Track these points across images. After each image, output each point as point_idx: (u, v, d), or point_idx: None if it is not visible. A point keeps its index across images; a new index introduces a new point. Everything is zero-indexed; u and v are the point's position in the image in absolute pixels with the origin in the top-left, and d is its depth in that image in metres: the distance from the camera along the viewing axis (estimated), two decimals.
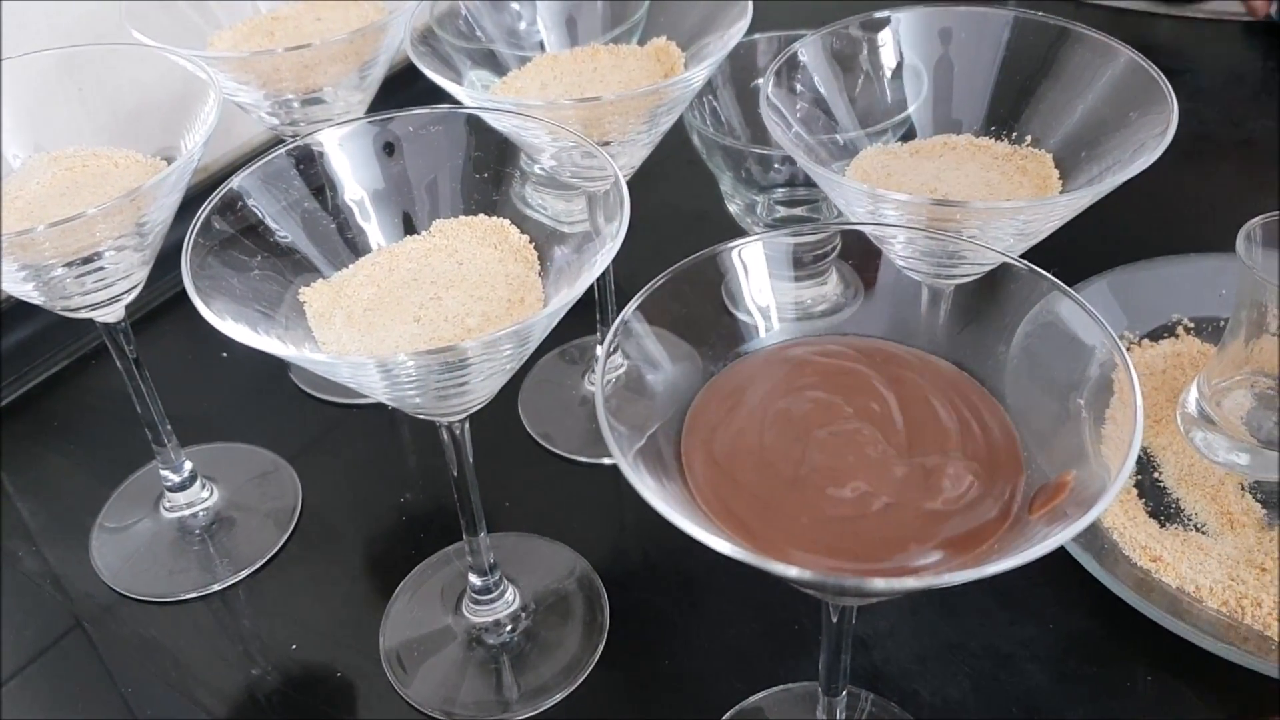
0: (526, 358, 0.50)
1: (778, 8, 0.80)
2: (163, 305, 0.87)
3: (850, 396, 0.43)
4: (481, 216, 0.54)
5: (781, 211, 0.76)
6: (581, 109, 0.58)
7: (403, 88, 0.76)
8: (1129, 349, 0.72)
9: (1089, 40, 0.56)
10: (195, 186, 0.57)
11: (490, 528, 0.59)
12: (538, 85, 0.65)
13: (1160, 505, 0.63)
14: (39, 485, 0.74)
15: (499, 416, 0.74)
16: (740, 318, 0.47)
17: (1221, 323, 0.73)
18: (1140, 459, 0.65)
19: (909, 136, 0.60)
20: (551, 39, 0.69)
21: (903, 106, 0.60)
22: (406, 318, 0.49)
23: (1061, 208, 0.50)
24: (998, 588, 0.61)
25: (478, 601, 0.62)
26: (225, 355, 0.82)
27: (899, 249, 0.50)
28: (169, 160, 0.60)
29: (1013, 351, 0.44)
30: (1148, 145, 0.50)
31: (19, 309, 0.81)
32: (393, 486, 0.72)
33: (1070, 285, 0.42)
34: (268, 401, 0.79)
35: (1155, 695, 0.56)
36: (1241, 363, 0.63)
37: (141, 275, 0.59)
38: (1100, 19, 1.09)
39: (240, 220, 0.49)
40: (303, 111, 0.69)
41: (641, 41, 0.68)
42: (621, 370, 0.43)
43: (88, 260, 0.55)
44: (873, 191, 0.50)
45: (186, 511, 0.70)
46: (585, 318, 0.74)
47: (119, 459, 0.75)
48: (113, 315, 0.60)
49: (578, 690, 0.59)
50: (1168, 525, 0.62)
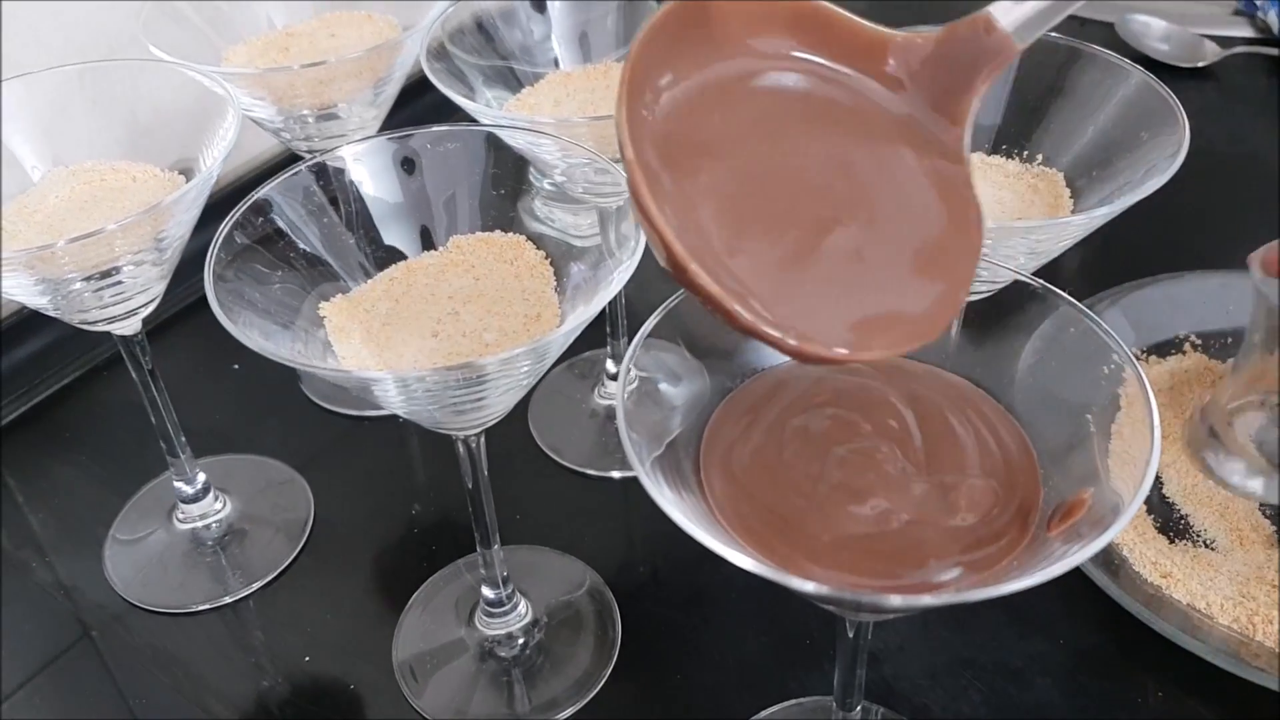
0: (543, 373, 0.50)
1: None
2: (174, 317, 0.87)
3: (868, 413, 0.44)
4: (498, 233, 0.54)
5: None
6: (595, 126, 0.58)
7: (414, 102, 0.77)
8: None
9: (1100, 60, 0.56)
10: (209, 199, 0.58)
11: (501, 541, 0.60)
12: (551, 102, 0.66)
13: (1169, 521, 0.64)
14: (50, 496, 0.75)
15: (509, 430, 0.75)
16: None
17: (1228, 339, 0.74)
18: None
19: None
20: (565, 56, 0.70)
21: None
22: (424, 332, 0.50)
23: (1075, 227, 0.51)
24: (1009, 603, 0.61)
25: (490, 614, 0.62)
26: (237, 367, 0.83)
27: None
28: (186, 173, 0.61)
29: (1024, 369, 0.45)
30: (1159, 166, 0.50)
31: (31, 320, 0.81)
32: (404, 498, 0.72)
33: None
34: (279, 413, 0.80)
35: (1165, 711, 0.57)
36: (1253, 383, 0.63)
37: (159, 289, 0.59)
38: (1101, 36, 1.09)
39: (262, 233, 0.50)
40: (317, 127, 0.69)
41: None
42: (636, 384, 0.43)
43: (106, 274, 0.56)
44: None
45: (199, 523, 0.70)
46: (595, 332, 0.75)
47: (131, 470, 0.75)
48: (129, 328, 0.61)
49: (589, 704, 0.59)
50: (1177, 541, 0.63)
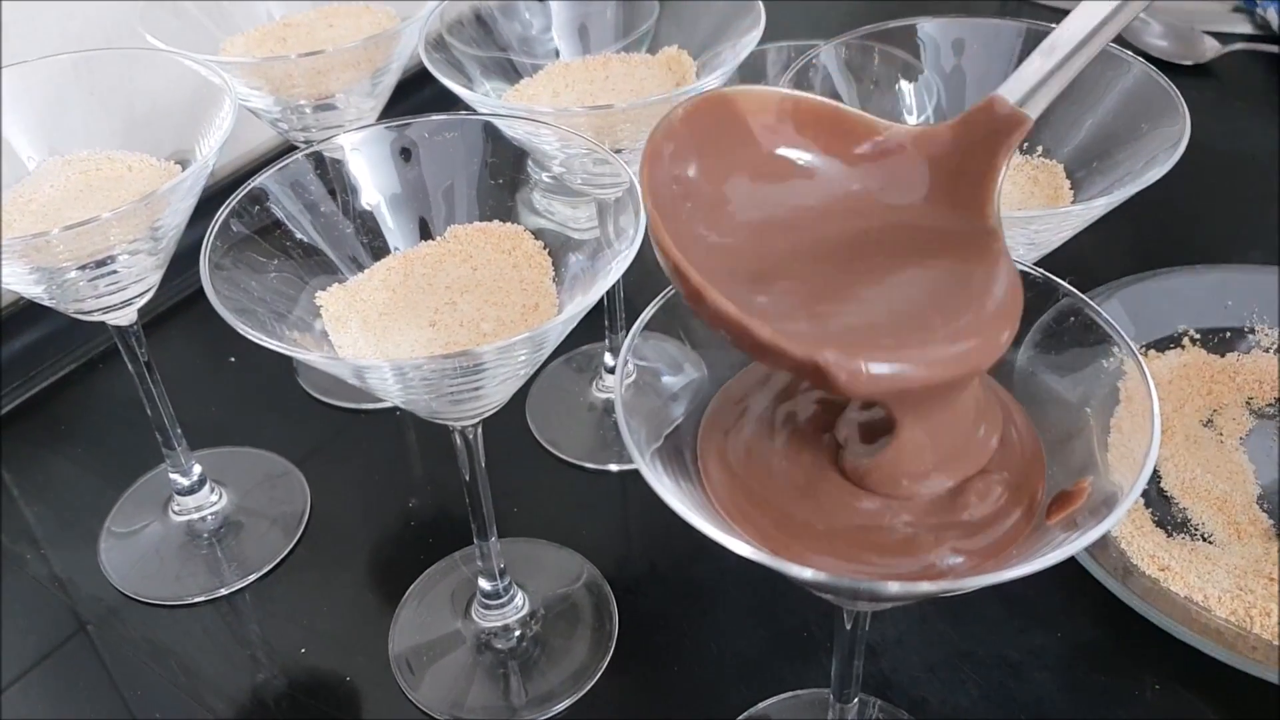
0: (540, 363, 0.50)
1: (786, 15, 0.80)
2: (170, 309, 0.87)
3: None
4: (496, 223, 0.54)
5: None
6: (594, 117, 0.58)
7: (412, 94, 0.77)
8: None
9: (1102, 53, 0.56)
10: (205, 191, 0.57)
11: (498, 533, 0.60)
12: (549, 93, 0.66)
13: (1167, 515, 0.64)
14: (46, 488, 0.74)
15: (507, 423, 0.74)
16: None
17: (1227, 334, 0.74)
18: None
19: None
20: (563, 47, 0.69)
21: (915, 116, 0.60)
22: (422, 322, 0.50)
23: (1075, 217, 0.51)
24: (1007, 596, 0.61)
25: (487, 606, 0.62)
26: (233, 359, 0.82)
27: None
28: (182, 164, 0.61)
29: (1024, 358, 0.44)
30: (1160, 157, 0.50)
31: (25, 312, 0.81)
32: (400, 491, 0.72)
33: None
34: (275, 406, 0.79)
35: (1163, 704, 0.57)
36: None
37: (155, 279, 0.59)
38: None
39: (258, 222, 0.49)
40: (314, 117, 0.69)
41: (652, 50, 0.69)
42: (635, 375, 0.43)
43: (101, 264, 0.55)
44: None
45: (195, 515, 0.70)
46: (592, 325, 0.75)
47: (126, 463, 0.75)
48: (125, 318, 0.61)
49: (586, 696, 0.59)
50: (1174, 535, 0.62)
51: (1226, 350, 0.73)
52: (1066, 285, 0.42)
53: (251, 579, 0.67)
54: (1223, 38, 1.08)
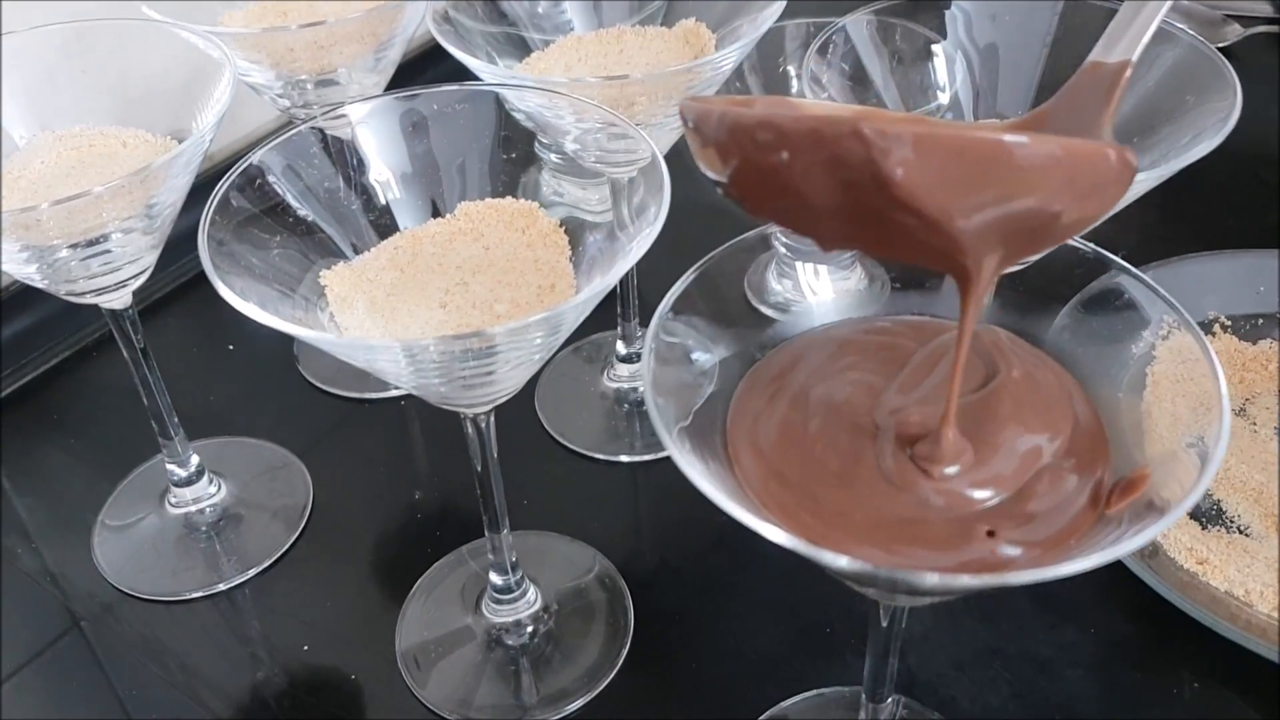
0: (556, 348, 0.48)
1: None
2: (167, 294, 0.84)
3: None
4: (509, 199, 0.52)
5: None
6: (609, 88, 0.56)
7: (418, 71, 0.74)
8: None
9: None
10: (203, 174, 0.55)
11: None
12: (562, 67, 0.63)
13: (1201, 506, 0.62)
14: (38, 480, 0.72)
15: (516, 414, 0.72)
16: (765, 311, 0.46)
17: (1259, 320, 0.72)
18: None
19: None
20: (577, 21, 0.67)
21: (945, 90, 0.58)
22: (432, 303, 0.47)
23: None
24: (1037, 590, 0.59)
25: (499, 601, 0.60)
26: (232, 347, 0.80)
27: None
28: (180, 140, 0.58)
29: (1074, 336, 0.42)
30: (1207, 131, 0.48)
31: (18, 298, 0.78)
32: (405, 483, 0.70)
33: None
34: (276, 395, 0.77)
35: (1203, 702, 0.54)
36: None
37: (150, 260, 0.57)
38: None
39: (260, 197, 0.47)
40: (316, 93, 0.67)
41: (668, 24, 0.66)
42: (663, 350, 0.41)
43: (94, 242, 0.53)
44: None
45: (193, 507, 0.68)
46: (602, 314, 0.72)
47: (122, 453, 0.73)
48: (120, 301, 0.58)
49: (600, 695, 0.57)
50: (1209, 527, 0.60)
51: (1259, 338, 0.71)
52: (1120, 260, 0.40)
53: (251, 574, 0.64)
54: (1245, 20, 1.06)
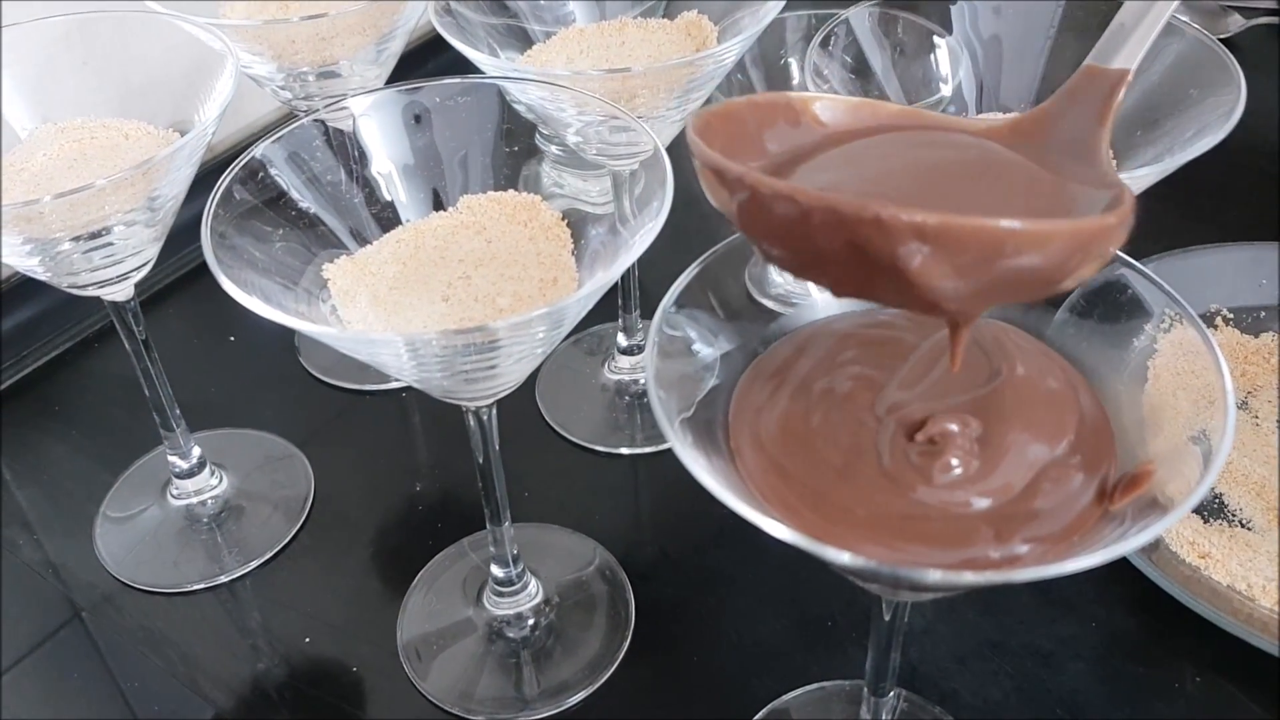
0: (559, 341, 0.48)
1: None
2: (168, 286, 0.84)
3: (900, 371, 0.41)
4: (511, 193, 0.52)
5: None
6: (611, 81, 0.56)
7: (419, 63, 0.74)
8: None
9: None
10: (204, 166, 0.55)
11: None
12: (564, 59, 0.63)
13: (1202, 500, 0.61)
14: (39, 471, 0.72)
15: (517, 406, 0.72)
16: (767, 304, 0.45)
17: (1260, 313, 0.72)
18: None
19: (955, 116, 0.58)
20: (578, 13, 0.67)
21: (947, 83, 0.57)
22: (434, 297, 0.47)
23: None
24: (1039, 585, 0.59)
25: (500, 594, 0.60)
26: (233, 338, 0.80)
27: None
28: (181, 133, 0.58)
29: (1071, 332, 0.42)
30: (1211, 125, 0.48)
31: (19, 289, 0.78)
32: (406, 475, 0.70)
33: None
34: (276, 386, 0.77)
35: (1205, 696, 0.55)
36: None
37: (152, 252, 0.57)
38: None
39: (263, 190, 0.47)
40: (318, 85, 0.66)
41: (670, 16, 0.66)
42: (665, 343, 0.41)
43: (96, 235, 0.53)
44: None
45: (195, 499, 0.68)
46: (603, 306, 0.72)
47: (123, 445, 0.72)
48: (121, 294, 0.58)
49: (601, 687, 0.57)
50: (1211, 521, 0.60)
51: (1261, 330, 0.71)
52: (1125, 257, 0.40)
53: (253, 565, 0.64)
54: (1246, 11, 1.06)
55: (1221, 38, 1.02)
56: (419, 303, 0.47)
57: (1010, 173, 0.37)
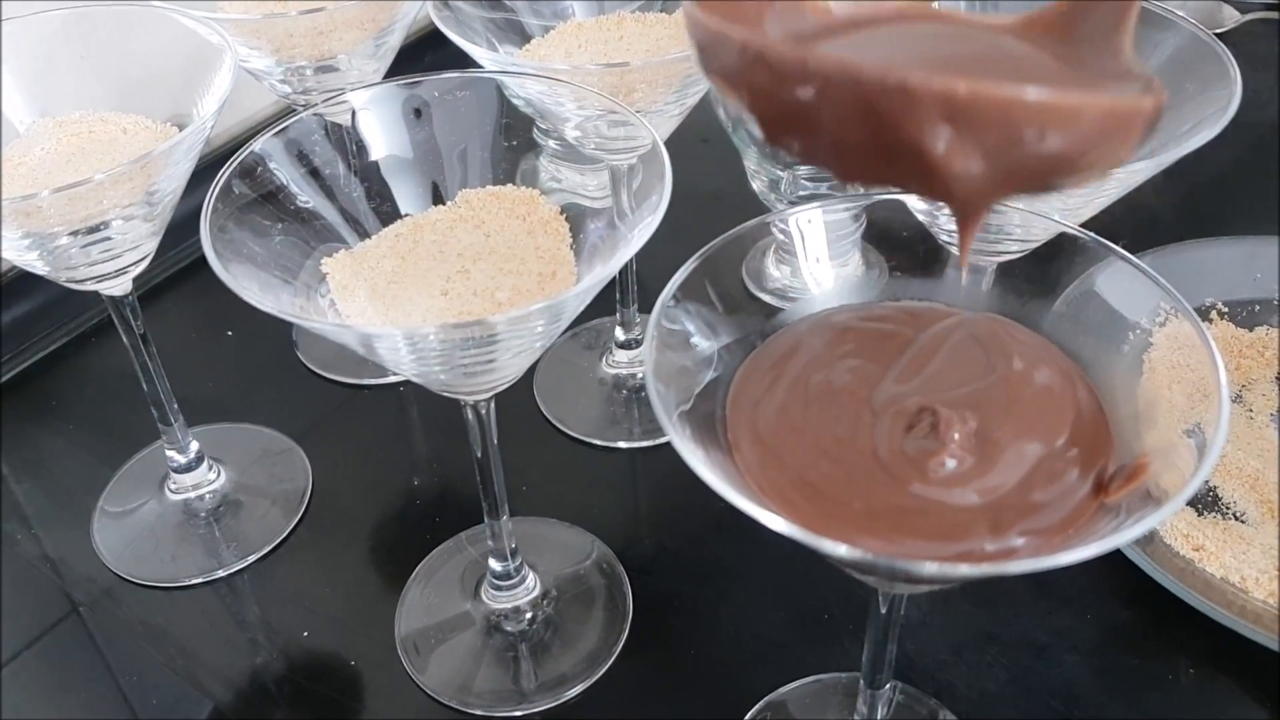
0: (557, 335, 0.48)
1: None
2: (166, 281, 0.84)
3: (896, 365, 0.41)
4: (510, 187, 0.52)
5: (807, 188, 0.74)
6: (609, 75, 0.56)
7: (417, 57, 0.74)
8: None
9: (1144, 14, 0.53)
10: (202, 160, 0.55)
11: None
12: (562, 53, 0.63)
13: (1197, 494, 0.62)
14: (37, 466, 0.72)
15: (514, 400, 0.72)
16: (764, 298, 0.46)
17: (1256, 307, 0.72)
18: None
19: None
20: (577, 6, 0.67)
21: None
22: (433, 291, 0.47)
23: (1114, 182, 0.48)
24: (1034, 577, 0.60)
25: (498, 587, 0.60)
26: (230, 333, 0.80)
27: (943, 223, 0.48)
28: (180, 127, 0.58)
29: (1067, 325, 0.43)
30: (1207, 120, 0.48)
31: (16, 284, 0.78)
32: (404, 469, 0.70)
33: None
34: (274, 381, 0.77)
35: (1198, 688, 0.55)
36: None
37: (151, 247, 0.57)
38: None
39: (262, 184, 0.47)
40: (316, 80, 0.66)
41: (668, 10, 0.66)
42: (664, 336, 0.41)
43: (94, 229, 0.53)
44: None
45: (193, 493, 0.68)
46: (601, 300, 0.72)
47: (120, 440, 0.72)
48: (120, 288, 0.58)
49: (599, 680, 0.57)
50: (1205, 514, 0.61)
51: (1255, 324, 0.71)
52: (1119, 249, 0.40)
53: (251, 559, 0.64)
54: (1242, 6, 1.06)
55: (1218, 32, 1.03)
56: (418, 296, 0.47)
57: (1027, 61, 0.35)
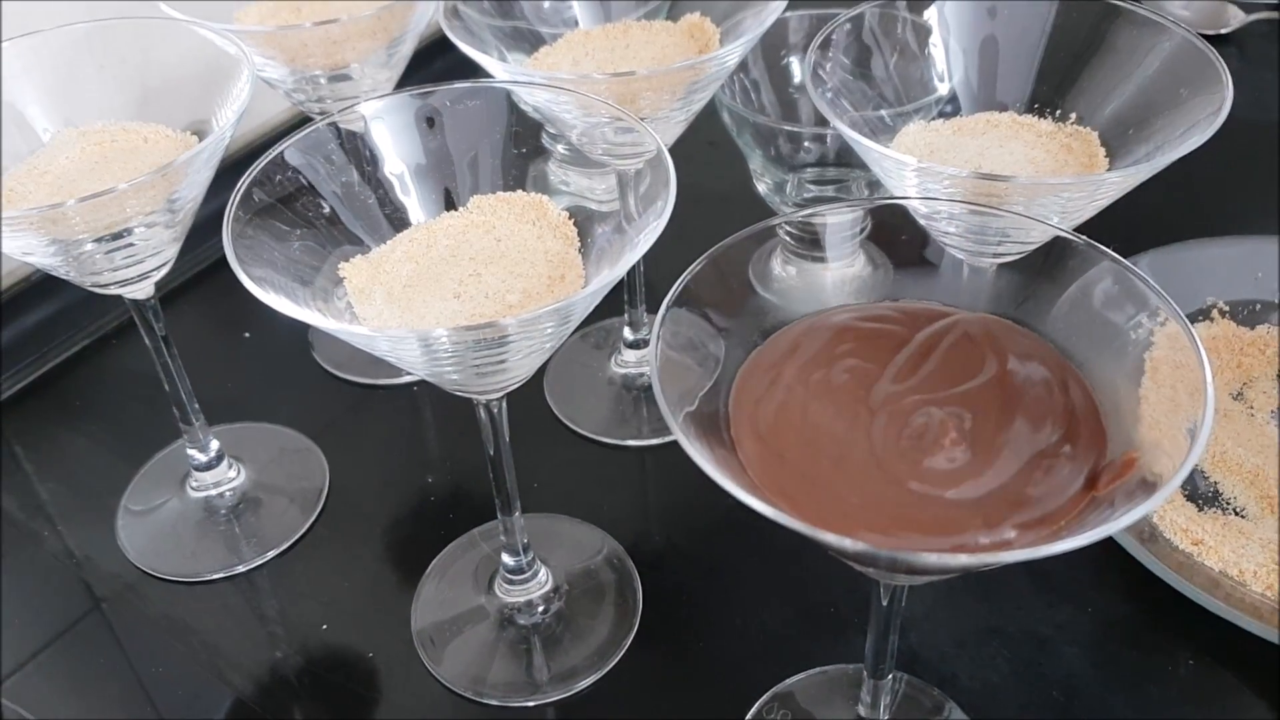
0: (566, 336, 0.49)
1: None
2: (185, 283, 0.86)
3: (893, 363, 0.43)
4: (520, 193, 0.53)
5: (812, 190, 0.75)
6: (615, 84, 0.57)
7: (428, 65, 0.75)
8: None
9: (1139, 18, 0.55)
10: (219, 166, 0.56)
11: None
12: (569, 61, 0.64)
13: (1198, 489, 0.63)
14: (61, 465, 0.74)
15: (525, 399, 0.73)
16: (769, 297, 0.47)
17: (1257, 306, 0.73)
18: None
19: (952, 115, 0.59)
20: (583, 16, 0.68)
21: (945, 84, 0.59)
22: (446, 294, 0.49)
23: (1111, 185, 0.49)
24: (1035, 570, 0.61)
25: (511, 582, 0.61)
26: (248, 334, 0.82)
27: (943, 225, 0.49)
28: (199, 135, 0.60)
29: (1063, 327, 0.44)
30: (1200, 124, 0.49)
31: (38, 287, 0.80)
32: (418, 467, 0.71)
33: None
34: (291, 381, 0.79)
35: (1198, 679, 0.56)
36: None
37: (172, 252, 0.58)
38: None
39: (281, 191, 0.48)
40: (329, 88, 0.68)
41: (673, 18, 0.67)
42: (670, 339, 0.42)
43: (117, 236, 0.54)
44: (919, 165, 0.50)
45: (213, 491, 0.70)
46: (611, 300, 0.74)
47: (142, 439, 0.74)
48: (142, 292, 0.60)
49: (610, 672, 0.59)
50: (1206, 509, 0.62)
51: (1256, 322, 0.72)
52: (1110, 252, 0.41)
53: (270, 555, 0.66)
54: (1246, 6, 1.06)
55: (1222, 32, 1.04)
56: (432, 300, 0.49)
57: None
